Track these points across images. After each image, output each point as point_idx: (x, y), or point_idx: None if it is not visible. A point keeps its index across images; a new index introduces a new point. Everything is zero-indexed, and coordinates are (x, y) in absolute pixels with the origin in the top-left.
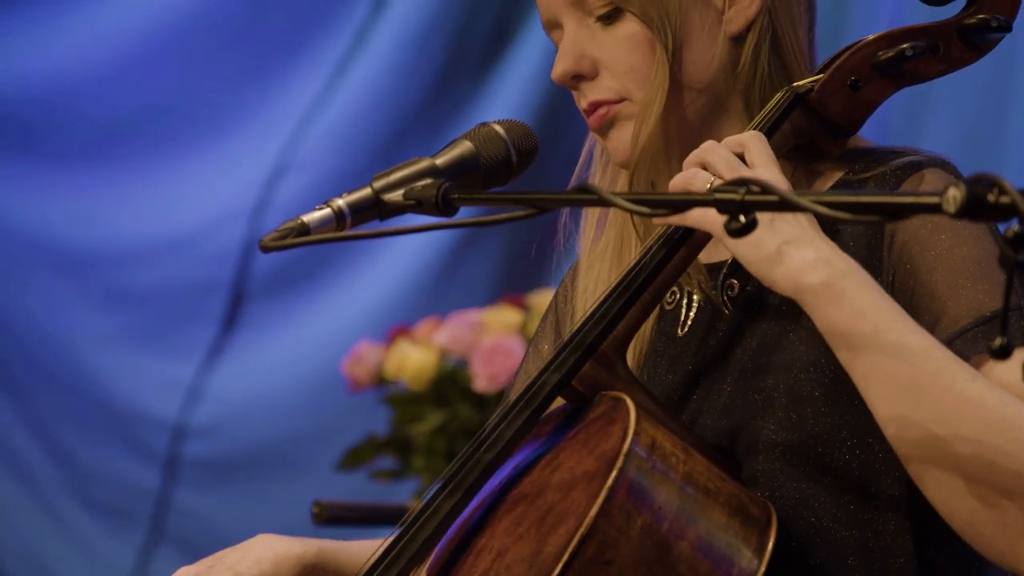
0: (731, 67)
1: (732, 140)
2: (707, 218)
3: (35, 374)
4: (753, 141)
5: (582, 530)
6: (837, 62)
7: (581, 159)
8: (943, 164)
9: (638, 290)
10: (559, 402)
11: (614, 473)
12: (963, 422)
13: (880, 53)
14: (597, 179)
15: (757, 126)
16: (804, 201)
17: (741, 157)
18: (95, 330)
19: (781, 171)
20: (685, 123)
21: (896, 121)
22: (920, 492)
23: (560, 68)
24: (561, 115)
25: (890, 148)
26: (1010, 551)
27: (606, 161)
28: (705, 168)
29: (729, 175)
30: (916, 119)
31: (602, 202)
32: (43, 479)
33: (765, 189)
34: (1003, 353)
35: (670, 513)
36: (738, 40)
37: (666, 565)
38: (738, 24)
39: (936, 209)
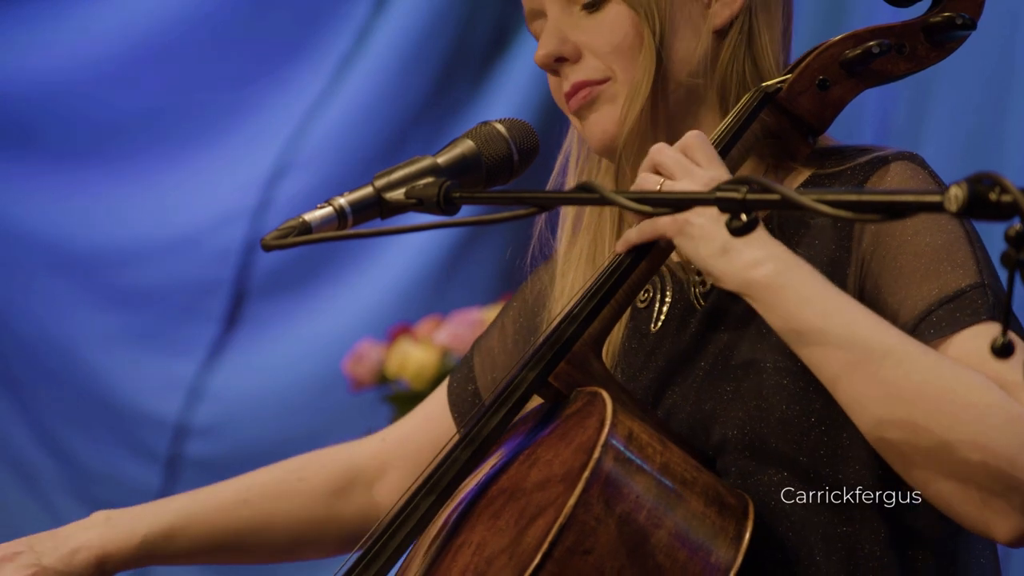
0: (712, 61)
1: (677, 143)
2: (657, 226)
3: (36, 373)
4: (696, 141)
5: (561, 520)
6: (805, 62)
7: (556, 166)
8: (910, 156)
9: (611, 289)
10: (536, 401)
11: (591, 464)
12: (919, 396)
13: (847, 52)
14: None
15: (728, 124)
16: (806, 200)
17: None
18: (96, 329)
19: (727, 170)
20: (667, 112)
21: (897, 118)
22: (890, 473)
23: (544, 50)
24: (562, 115)
25: (858, 146)
26: (980, 519)
27: (581, 167)
28: (656, 171)
29: (680, 174)
30: (917, 116)
31: (604, 200)
32: (44, 478)
33: (766, 188)
34: (1004, 352)
35: (647, 503)
36: (720, 35)
37: (644, 554)
38: (722, 18)
39: (938, 208)
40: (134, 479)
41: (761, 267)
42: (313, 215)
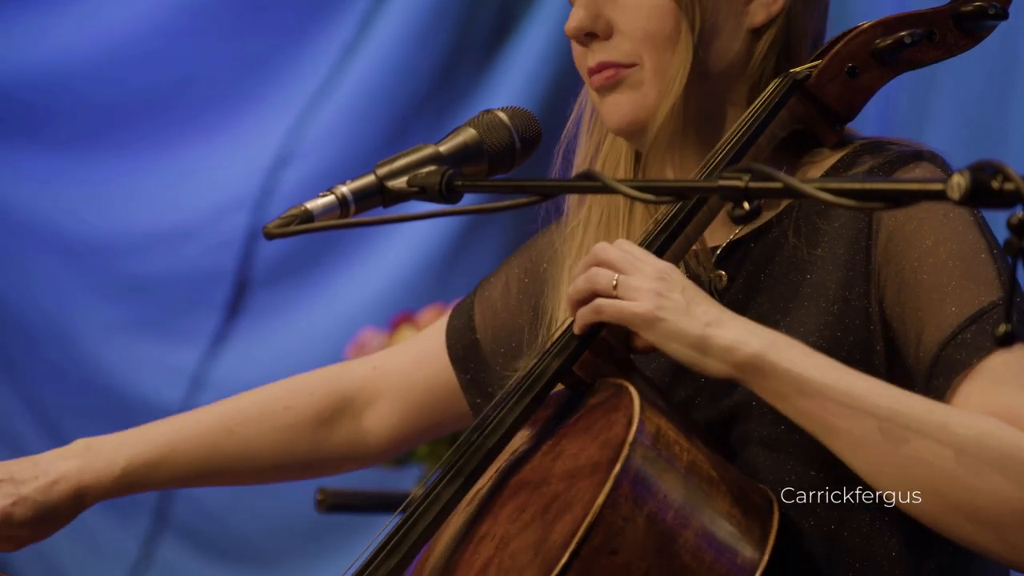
0: (745, 59)
1: (619, 241)
2: (624, 316)
3: (39, 362)
4: (617, 250)
5: (589, 519)
6: (835, 48)
7: (566, 130)
8: (932, 157)
9: None
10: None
11: (620, 462)
12: (935, 458)
13: (878, 41)
14: (582, 154)
15: (756, 112)
16: (807, 188)
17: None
18: (99, 318)
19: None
20: (696, 107)
21: (901, 107)
22: None
23: (575, 22)
24: (565, 103)
25: (887, 140)
26: (1016, 554)
27: (595, 146)
28: (600, 264)
29: (632, 269)
30: (921, 105)
31: (606, 189)
32: None
33: (768, 176)
34: (1007, 341)
35: (675, 502)
36: (756, 33)
37: (670, 555)
38: (759, 18)
39: (940, 196)
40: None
41: (743, 347)
42: (315, 203)
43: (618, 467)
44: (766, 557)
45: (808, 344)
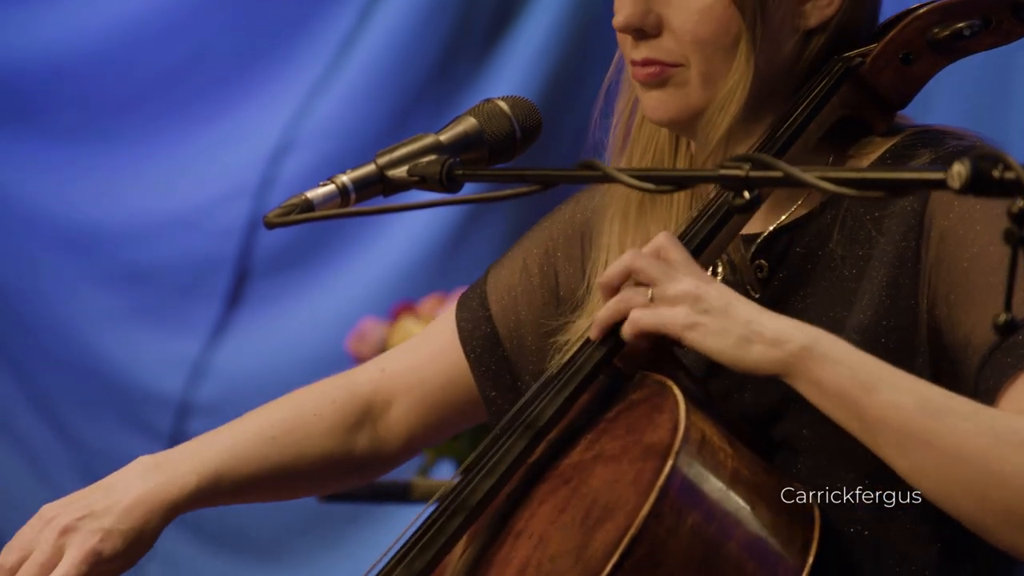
0: (795, 57)
1: (649, 246)
2: (662, 322)
3: (38, 351)
4: (667, 242)
5: (633, 530)
6: (889, 35)
7: (604, 82)
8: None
9: None
10: None
11: (666, 471)
12: (980, 457)
13: (936, 30)
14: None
15: (807, 99)
16: (808, 177)
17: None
18: (99, 307)
19: (698, 265)
20: (751, 102)
21: None
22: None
23: (623, 17)
24: (565, 93)
25: (941, 129)
26: None
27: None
28: (635, 279)
29: (666, 280)
30: (921, 93)
31: (606, 178)
32: (47, 457)
33: (769, 165)
34: (1007, 329)
35: (718, 513)
36: (809, 34)
37: (713, 566)
38: (813, 21)
39: (941, 185)
40: (138, 456)
41: (789, 342)
42: (316, 193)
43: (663, 477)
44: (808, 567)
45: (851, 342)
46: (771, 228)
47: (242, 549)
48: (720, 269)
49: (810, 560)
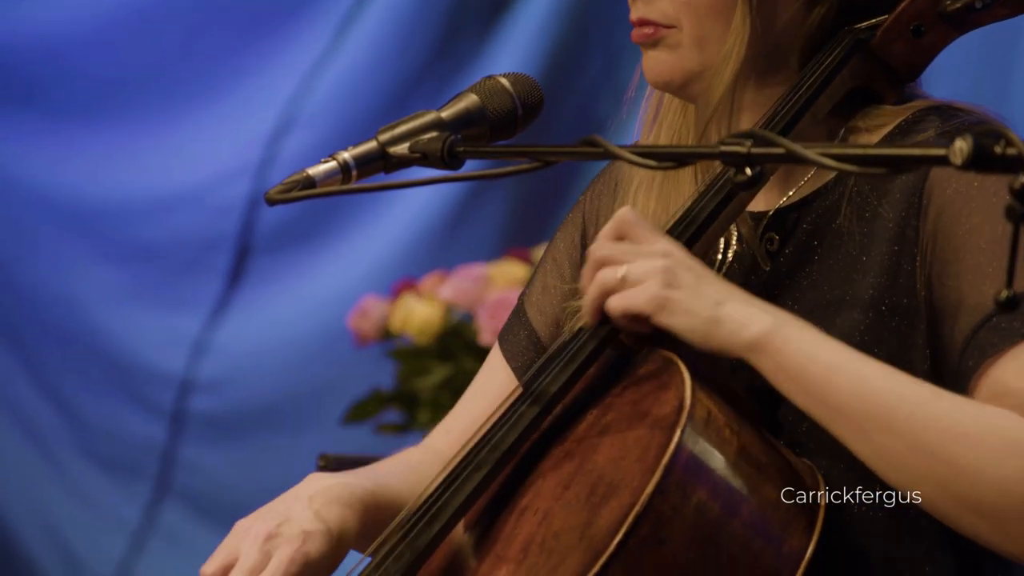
0: (801, 21)
1: (607, 231)
2: (632, 305)
3: (41, 329)
4: (628, 218)
5: (637, 508)
6: (901, 6)
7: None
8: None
9: (689, 243)
10: None
11: (671, 448)
12: (940, 445)
13: (948, 2)
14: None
15: (816, 71)
16: (810, 153)
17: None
18: (101, 285)
19: (667, 236)
20: (750, 74)
21: None
22: None
23: None
24: (566, 70)
25: (954, 104)
26: (1018, 547)
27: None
28: (604, 265)
29: (631, 256)
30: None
31: (608, 155)
32: (49, 434)
33: (771, 141)
34: (1009, 305)
35: (724, 491)
36: (811, 3)
37: (718, 544)
38: None
39: (943, 161)
40: (139, 434)
41: (757, 322)
42: (317, 169)
43: (668, 455)
44: (812, 545)
45: (854, 320)
46: (780, 204)
47: None
48: (733, 243)
49: (815, 538)
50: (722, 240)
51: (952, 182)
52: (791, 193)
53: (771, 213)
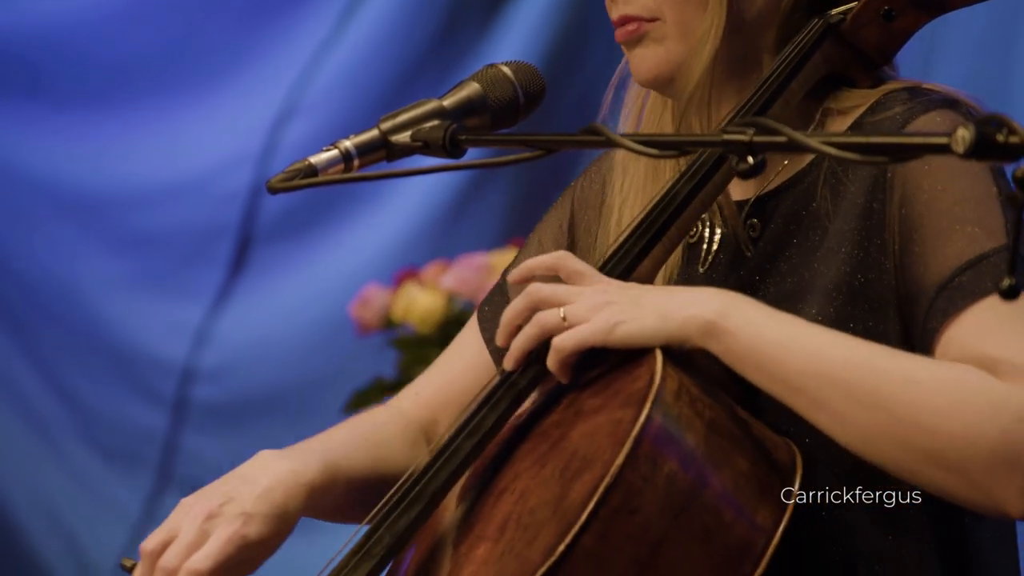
0: (773, 11)
1: (538, 266)
2: (585, 337)
3: (43, 318)
4: (562, 263)
5: (608, 479)
6: None
7: (616, 75)
8: (953, 104)
9: (664, 225)
10: None
11: (640, 420)
12: (897, 403)
13: None
14: (630, 94)
15: (788, 57)
16: (812, 142)
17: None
18: (102, 273)
19: (599, 273)
20: (728, 60)
21: (903, 58)
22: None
23: None
24: (568, 58)
25: (925, 86)
26: (990, 505)
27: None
28: (541, 306)
29: (572, 298)
30: (923, 56)
31: (609, 143)
32: (52, 423)
33: (772, 129)
34: (1011, 294)
35: (695, 462)
36: None
37: (690, 514)
38: None
39: (945, 149)
40: (141, 423)
41: (704, 308)
42: (319, 158)
43: (638, 426)
44: (787, 516)
45: (829, 298)
46: (761, 191)
47: None
48: (718, 232)
49: (789, 509)
50: (707, 229)
51: None
52: (772, 179)
53: (752, 200)
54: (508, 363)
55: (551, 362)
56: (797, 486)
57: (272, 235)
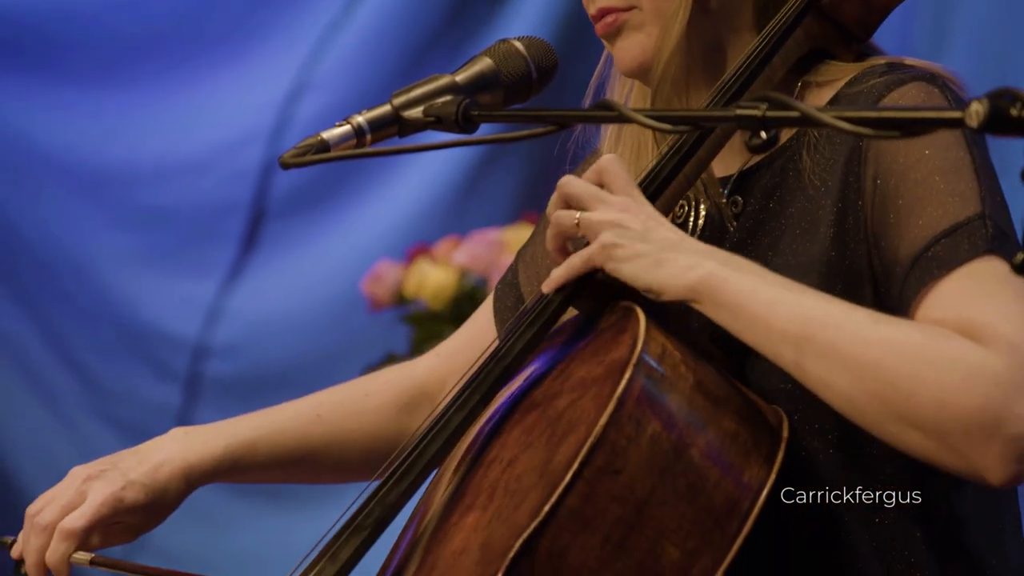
0: None
1: (589, 173)
2: (584, 260)
3: (56, 294)
4: (608, 166)
5: (591, 440)
6: None
7: (594, 77)
8: (931, 78)
9: (650, 200)
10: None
11: (623, 382)
12: (878, 365)
13: None
14: (614, 95)
15: (769, 34)
16: (825, 117)
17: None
18: (115, 249)
19: (640, 193)
20: (703, 37)
21: (918, 35)
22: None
23: None
24: (580, 33)
25: (904, 61)
26: (969, 469)
27: (621, 81)
28: (568, 204)
29: (593, 204)
30: (939, 33)
31: (622, 118)
32: (65, 399)
33: (786, 105)
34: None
35: (679, 422)
36: None
37: (675, 474)
38: None
39: (959, 124)
40: (154, 399)
41: (699, 267)
42: (331, 133)
43: (621, 386)
44: (773, 475)
45: (810, 272)
46: (744, 166)
47: (258, 491)
48: (703, 208)
49: (776, 468)
50: (691, 205)
51: None
52: (750, 157)
53: (735, 176)
54: (546, 287)
55: (546, 287)
56: (783, 448)
57: (284, 211)
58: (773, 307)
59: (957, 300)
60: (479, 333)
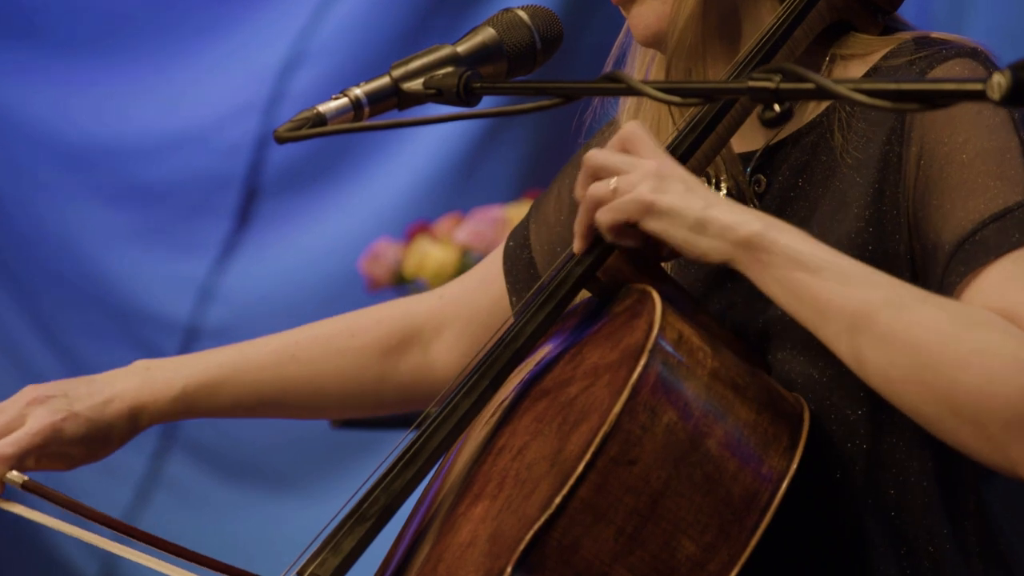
0: None
1: (613, 142)
2: (620, 212)
3: (42, 273)
4: (631, 133)
5: (605, 428)
6: None
7: (615, 46)
8: (973, 53)
9: None
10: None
11: (638, 369)
12: (921, 346)
13: None
14: (635, 66)
15: (791, 4)
16: (841, 89)
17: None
18: (104, 227)
19: (669, 156)
20: (719, 7)
21: (938, 5)
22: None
23: None
24: (586, 2)
25: (939, 36)
26: (1004, 461)
27: (642, 51)
28: (598, 176)
29: (627, 168)
30: (959, 4)
31: (630, 91)
32: (51, 380)
33: (800, 76)
34: None
35: (696, 411)
36: None
37: (691, 464)
38: None
39: (980, 96)
40: None
41: (743, 228)
42: (328, 106)
43: (636, 374)
44: (794, 466)
45: (842, 250)
46: (766, 143)
47: (251, 475)
48: (723, 186)
49: (796, 459)
50: (712, 183)
51: None
52: (775, 133)
53: (759, 152)
54: (576, 245)
55: (585, 230)
56: (805, 436)
57: (279, 187)
58: (818, 276)
59: (1004, 287)
60: (488, 283)
